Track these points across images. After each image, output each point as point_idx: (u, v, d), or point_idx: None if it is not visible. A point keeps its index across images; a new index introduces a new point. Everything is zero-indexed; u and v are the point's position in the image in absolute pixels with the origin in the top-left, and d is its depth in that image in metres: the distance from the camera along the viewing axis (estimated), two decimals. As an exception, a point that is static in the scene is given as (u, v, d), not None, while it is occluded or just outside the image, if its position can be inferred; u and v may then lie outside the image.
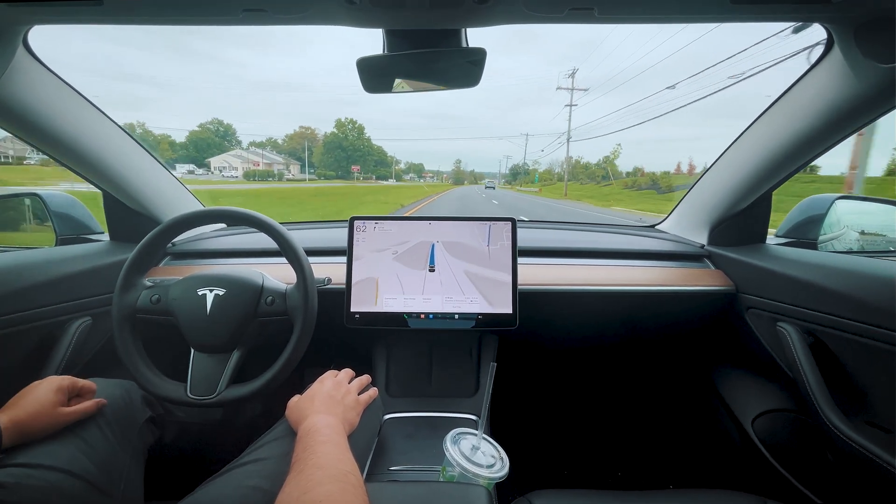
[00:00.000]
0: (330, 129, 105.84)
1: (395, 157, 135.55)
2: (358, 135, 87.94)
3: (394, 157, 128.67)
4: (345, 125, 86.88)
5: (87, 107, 0.87)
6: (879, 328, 0.70)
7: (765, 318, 0.92)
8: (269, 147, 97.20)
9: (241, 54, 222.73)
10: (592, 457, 1.32)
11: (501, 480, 0.64)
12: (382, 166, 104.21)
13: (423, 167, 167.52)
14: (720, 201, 1.04)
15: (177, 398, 0.73)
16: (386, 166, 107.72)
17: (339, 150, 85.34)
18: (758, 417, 0.94)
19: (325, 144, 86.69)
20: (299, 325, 0.75)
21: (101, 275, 0.94)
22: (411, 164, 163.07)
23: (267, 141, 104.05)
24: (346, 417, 0.62)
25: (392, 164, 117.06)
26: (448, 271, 0.92)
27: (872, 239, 1.24)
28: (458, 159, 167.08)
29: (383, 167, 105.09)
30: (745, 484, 0.98)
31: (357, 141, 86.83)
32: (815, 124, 0.77)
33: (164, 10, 0.62)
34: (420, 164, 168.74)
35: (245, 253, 1.12)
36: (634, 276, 1.02)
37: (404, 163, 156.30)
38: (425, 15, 0.60)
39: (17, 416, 0.57)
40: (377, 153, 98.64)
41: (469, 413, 0.92)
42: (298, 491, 0.42)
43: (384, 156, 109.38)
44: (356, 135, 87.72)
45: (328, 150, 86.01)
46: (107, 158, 0.93)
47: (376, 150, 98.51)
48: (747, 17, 0.61)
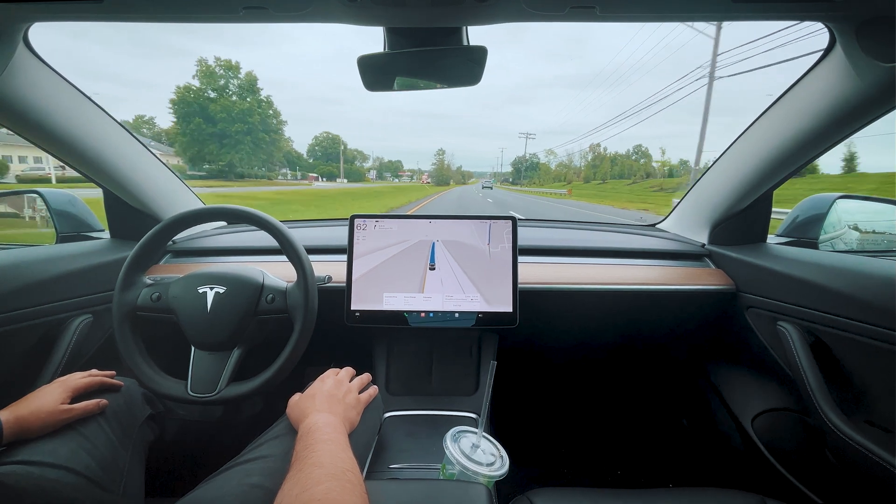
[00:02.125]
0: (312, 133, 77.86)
1: (362, 151, 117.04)
2: (243, 93, 42.73)
3: (357, 151, 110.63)
4: (213, 72, 41.41)
5: (88, 104, 0.87)
6: (879, 328, 0.70)
7: (765, 317, 0.92)
8: (164, 137, 54.57)
9: (215, 49, 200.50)
10: (592, 455, 1.33)
11: (501, 478, 0.64)
12: (329, 161, 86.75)
13: (402, 165, 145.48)
14: (721, 200, 1.04)
15: (177, 396, 0.73)
16: (333, 161, 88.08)
17: (206, 121, 39.88)
18: (757, 416, 0.95)
19: (176, 111, 39.65)
20: (300, 323, 0.75)
21: (102, 272, 0.94)
22: (387, 162, 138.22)
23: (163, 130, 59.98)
24: (346, 416, 0.63)
25: (355, 160, 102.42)
26: (448, 270, 0.92)
27: (873, 238, 1.24)
28: (441, 149, 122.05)
29: (332, 162, 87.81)
30: (744, 483, 0.98)
31: (242, 106, 41.57)
32: (816, 123, 0.77)
33: (164, 7, 0.62)
34: (397, 162, 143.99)
35: (245, 251, 1.12)
36: (635, 275, 1.02)
37: (373, 159, 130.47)
38: (426, 13, 0.60)
39: (19, 412, 0.58)
40: (284, 143, 58.52)
41: (469, 411, 0.92)
42: (298, 488, 0.42)
43: (339, 146, 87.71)
44: (241, 92, 42.60)
45: (183, 120, 39.99)
46: (107, 156, 0.93)
47: (286, 139, 60.46)
48: (749, 16, 0.61)
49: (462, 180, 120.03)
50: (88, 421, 0.64)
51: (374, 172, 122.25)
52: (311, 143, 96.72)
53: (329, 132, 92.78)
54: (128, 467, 0.65)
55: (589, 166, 70.73)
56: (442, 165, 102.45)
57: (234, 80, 42.90)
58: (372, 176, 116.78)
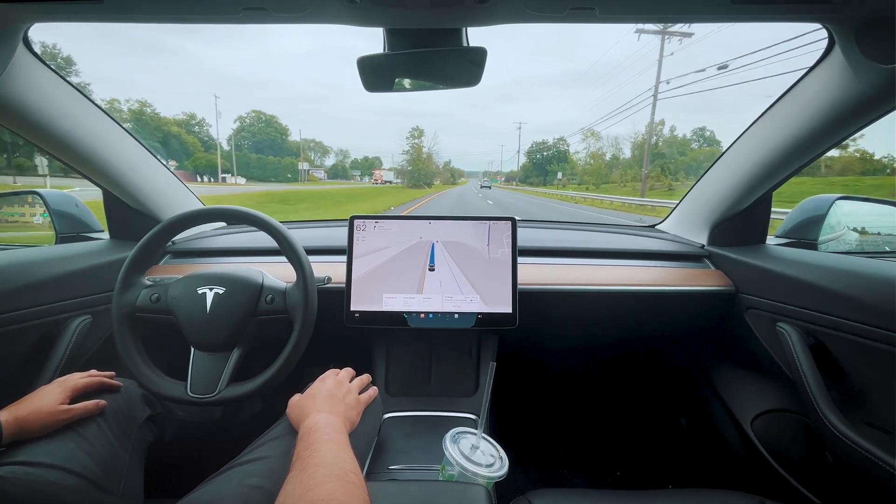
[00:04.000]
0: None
1: (321, 143, 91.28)
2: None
3: (314, 142, 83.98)
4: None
5: (88, 105, 0.87)
6: (879, 329, 0.70)
7: (764, 318, 0.92)
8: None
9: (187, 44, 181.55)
10: (591, 456, 1.32)
11: (501, 480, 0.64)
12: (262, 152, 62.54)
13: (380, 162, 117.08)
14: (720, 201, 1.04)
15: (177, 397, 0.73)
16: (266, 152, 61.96)
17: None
18: (757, 418, 0.95)
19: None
20: (299, 323, 0.75)
21: (101, 273, 0.94)
22: (362, 160, 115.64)
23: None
24: (347, 416, 0.63)
25: (304, 152, 74.13)
26: (448, 270, 0.92)
27: (872, 239, 1.24)
28: (417, 127, 75.82)
29: (267, 154, 64.21)
30: (743, 484, 0.98)
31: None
32: (815, 125, 0.77)
33: (164, 8, 0.62)
34: (374, 159, 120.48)
35: (245, 252, 1.12)
36: (634, 276, 1.02)
37: (336, 153, 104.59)
38: (426, 14, 0.60)
39: (18, 413, 0.58)
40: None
41: (468, 412, 0.92)
42: (301, 488, 0.42)
43: (280, 133, 58.83)
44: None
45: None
46: (107, 157, 0.93)
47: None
48: (748, 17, 0.61)
49: (452, 179, 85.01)
50: (87, 422, 0.64)
51: (323, 172, 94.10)
52: (236, 127, 67.71)
53: (262, 111, 63.23)
54: (127, 468, 0.65)
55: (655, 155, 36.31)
56: (418, 154, 57.28)
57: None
58: (321, 175, 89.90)
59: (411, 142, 56.83)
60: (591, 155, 54.76)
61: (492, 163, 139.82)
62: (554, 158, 68.17)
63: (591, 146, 55.32)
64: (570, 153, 67.28)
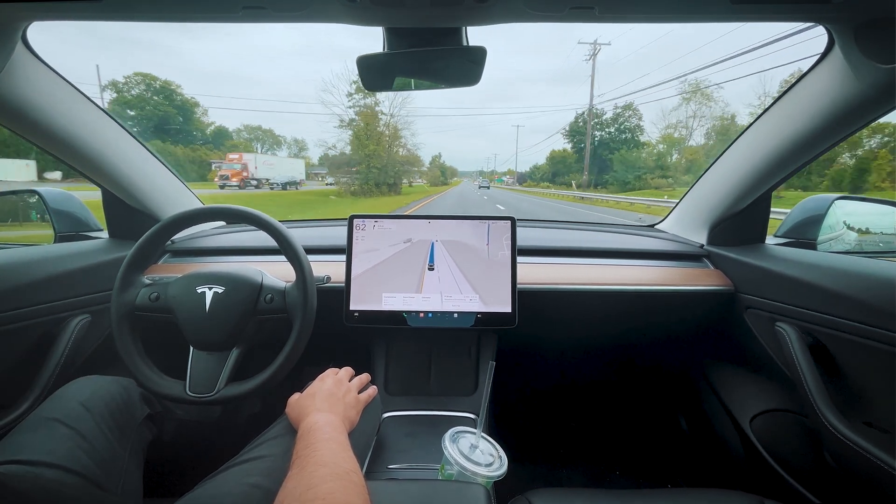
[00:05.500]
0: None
1: (273, 130, 61.26)
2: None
3: (255, 127, 62.75)
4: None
5: (87, 104, 0.87)
6: (878, 329, 0.70)
7: (763, 318, 0.92)
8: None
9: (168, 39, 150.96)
10: (591, 456, 1.33)
11: (500, 479, 0.64)
12: (162, 132, 34.96)
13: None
14: (720, 201, 1.04)
15: (176, 396, 0.73)
16: (169, 133, 37.55)
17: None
18: (756, 417, 0.95)
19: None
20: (298, 322, 0.75)
21: (100, 272, 0.94)
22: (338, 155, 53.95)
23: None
24: (346, 415, 0.63)
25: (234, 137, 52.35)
26: (447, 270, 0.92)
27: (872, 239, 1.24)
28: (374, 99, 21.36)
29: (166, 135, 34.53)
30: (742, 483, 0.98)
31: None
32: (815, 125, 0.77)
33: (163, 7, 0.62)
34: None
35: (244, 251, 1.12)
36: (633, 276, 1.02)
37: (289, 143, 68.34)
38: (426, 13, 0.60)
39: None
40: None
41: (468, 412, 0.92)
42: (301, 487, 0.42)
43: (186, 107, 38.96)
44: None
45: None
46: (106, 155, 0.93)
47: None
48: (747, 17, 0.61)
49: (443, 179, 68.56)
50: (86, 421, 0.63)
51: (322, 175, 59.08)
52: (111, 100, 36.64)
53: (152, 74, 41.58)
54: (126, 467, 0.65)
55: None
56: (369, 123, 21.36)
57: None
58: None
59: (356, 101, 23.00)
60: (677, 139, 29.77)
61: (483, 165, 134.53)
62: (620, 141, 34.43)
63: (692, 111, 29.71)
64: (640, 131, 35.25)
